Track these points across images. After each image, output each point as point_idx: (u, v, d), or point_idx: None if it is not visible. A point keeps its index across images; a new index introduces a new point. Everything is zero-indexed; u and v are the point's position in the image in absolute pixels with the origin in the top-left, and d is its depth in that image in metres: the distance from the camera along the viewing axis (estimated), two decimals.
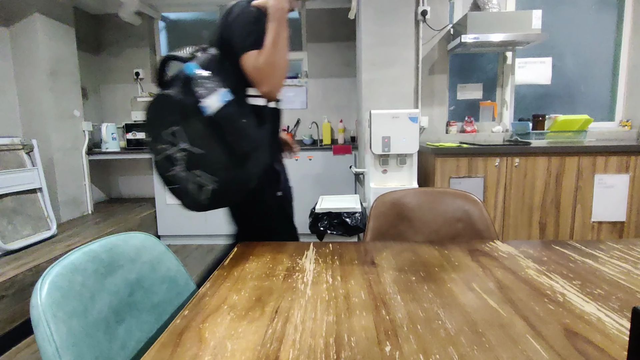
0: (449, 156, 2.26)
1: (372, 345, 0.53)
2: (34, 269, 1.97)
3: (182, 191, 1.02)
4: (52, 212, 2.48)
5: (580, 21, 2.82)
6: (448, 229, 1.24)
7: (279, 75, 1.08)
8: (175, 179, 1.01)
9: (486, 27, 2.32)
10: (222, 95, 0.98)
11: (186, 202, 1.05)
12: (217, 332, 0.57)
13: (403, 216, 1.27)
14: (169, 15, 3.72)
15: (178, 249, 3.20)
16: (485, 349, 0.51)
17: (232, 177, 1.01)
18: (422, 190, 1.31)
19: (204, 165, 0.98)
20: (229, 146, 0.98)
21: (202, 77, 0.98)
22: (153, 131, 1.02)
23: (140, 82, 3.66)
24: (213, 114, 0.95)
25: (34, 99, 2.80)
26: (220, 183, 0.99)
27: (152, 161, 1.06)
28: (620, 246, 0.92)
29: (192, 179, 0.99)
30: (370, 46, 2.55)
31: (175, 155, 0.99)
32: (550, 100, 2.91)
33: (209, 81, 0.98)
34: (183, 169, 0.99)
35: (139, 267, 0.76)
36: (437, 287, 0.71)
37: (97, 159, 3.35)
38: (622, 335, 0.54)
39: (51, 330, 0.54)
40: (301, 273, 0.80)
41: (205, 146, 0.97)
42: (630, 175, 2.22)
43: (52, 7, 2.84)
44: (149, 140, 1.04)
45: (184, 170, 0.99)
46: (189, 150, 0.97)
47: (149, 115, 1.02)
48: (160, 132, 0.99)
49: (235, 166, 1.01)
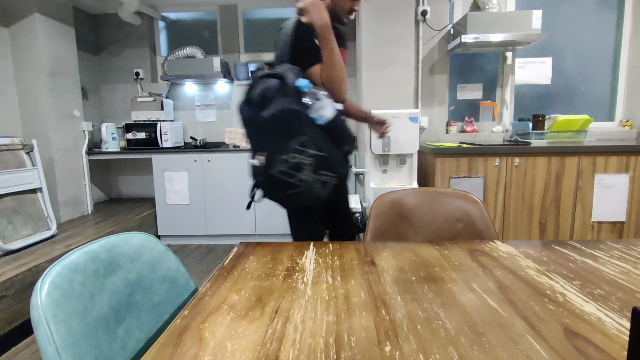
0: (449, 156, 2.26)
1: (372, 345, 0.53)
2: (34, 269, 1.97)
3: (305, 192, 1.16)
4: (52, 212, 2.48)
5: (580, 21, 2.82)
6: (448, 229, 1.24)
7: (341, 84, 1.26)
8: (301, 182, 1.15)
9: (486, 27, 2.32)
10: (332, 105, 1.18)
11: (302, 201, 1.19)
12: (217, 332, 0.57)
13: (403, 216, 1.27)
14: (169, 15, 3.72)
15: (178, 249, 3.20)
16: (485, 349, 0.51)
17: (345, 170, 1.26)
18: (422, 190, 1.31)
19: (327, 165, 1.16)
20: (339, 146, 1.20)
21: (314, 91, 1.15)
22: (278, 144, 1.13)
23: (140, 82, 3.66)
24: (328, 121, 1.14)
25: (34, 99, 2.80)
26: (339, 177, 1.19)
27: (266, 173, 1.16)
28: (620, 246, 0.92)
29: (318, 178, 1.17)
30: (370, 46, 2.55)
31: (305, 161, 1.14)
32: (550, 100, 2.91)
33: (320, 94, 1.16)
34: (311, 171, 1.15)
35: (139, 267, 0.76)
36: (437, 287, 0.71)
37: (97, 159, 3.36)
38: (622, 335, 0.54)
39: (51, 330, 0.54)
40: (301, 273, 0.80)
41: (326, 149, 1.15)
42: (630, 175, 2.22)
43: (52, 7, 2.84)
44: (270, 154, 1.15)
45: (311, 173, 1.15)
46: (316, 155, 1.13)
47: (273, 130, 1.13)
48: (288, 144, 1.12)
49: (345, 161, 1.26)
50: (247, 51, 3.70)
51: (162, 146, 3.33)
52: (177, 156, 3.19)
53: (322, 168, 1.15)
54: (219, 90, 3.67)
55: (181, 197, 3.24)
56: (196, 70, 3.31)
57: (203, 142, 3.51)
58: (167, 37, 3.78)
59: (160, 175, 3.22)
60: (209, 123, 3.72)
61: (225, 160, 3.18)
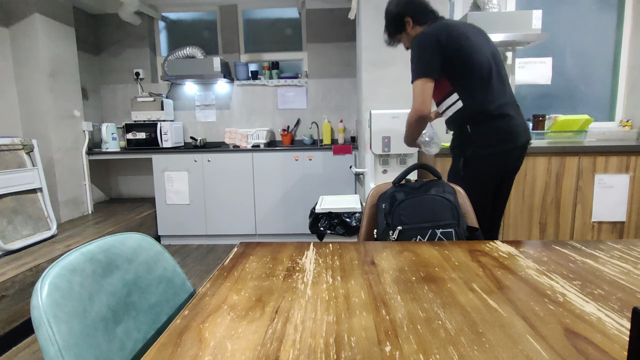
0: (449, 156, 2.26)
1: (372, 345, 0.53)
2: (34, 269, 1.97)
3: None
4: (52, 212, 2.48)
5: (580, 21, 2.82)
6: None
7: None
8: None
9: (486, 27, 2.31)
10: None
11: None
12: (217, 332, 0.57)
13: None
14: (169, 15, 3.72)
15: (178, 249, 3.20)
16: (485, 349, 0.51)
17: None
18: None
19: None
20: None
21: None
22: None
23: (141, 82, 3.66)
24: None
25: (34, 99, 2.80)
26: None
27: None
28: (620, 246, 0.92)
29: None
30: (370, 46, 2.55)
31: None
32: (550, 100, 2.91)
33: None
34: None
35: (135, 267, 0.76)
36: (437, 287, 0.71)
37: (97, 159, 3.36)
38: (622, 335, 0.54)
39: (53, 330, 0.54)
40: (301, 273, 0.80)
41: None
42: (630, 175, 2.22)
43: (52, 7, 2.84)
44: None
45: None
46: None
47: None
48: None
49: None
50: (247, 51, 3.70)
51: (162, 146, 3.34)
52: (177, 156, 3.19)
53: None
54: (219, 91, 3.67)
55: (181, 197, 3.24)
56: (196, 70, 3.31)
57: (203, 142, 3.51)
58: (167, 37, 3.78)
59: (160, 175, 3.22)
60: (209, 123, 3.72)
61: (225, 160, 3.18)
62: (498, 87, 1.47)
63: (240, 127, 3.65)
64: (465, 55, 1.43)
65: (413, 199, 1.16)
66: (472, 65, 1.44)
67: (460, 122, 1.52)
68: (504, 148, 1.46)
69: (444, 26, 1.46)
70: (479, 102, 1.45)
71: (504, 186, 1.60)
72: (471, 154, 1.48)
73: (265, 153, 3.17)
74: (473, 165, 1.49)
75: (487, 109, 1.44)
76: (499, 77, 1.49)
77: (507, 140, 1.46)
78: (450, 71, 1.47)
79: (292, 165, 3.17)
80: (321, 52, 3.56)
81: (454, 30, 1.45)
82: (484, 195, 1.51)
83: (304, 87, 3.60)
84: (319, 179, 3.18)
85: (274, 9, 3.64)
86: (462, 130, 1.52)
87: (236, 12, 3.59)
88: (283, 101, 3.63)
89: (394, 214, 1.15)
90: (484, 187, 1.50)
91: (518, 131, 1.48)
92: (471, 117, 1.48)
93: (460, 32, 1.46)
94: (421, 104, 1.45)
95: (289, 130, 3.58)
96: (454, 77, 1.48)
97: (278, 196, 3.21)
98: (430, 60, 1.43)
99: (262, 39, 3.69)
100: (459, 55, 1.43)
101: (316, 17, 3.50)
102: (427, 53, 1.43)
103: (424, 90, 1.44)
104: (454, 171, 1.57)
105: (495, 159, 1.48)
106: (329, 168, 3.15)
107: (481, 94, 1.45)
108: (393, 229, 1.13)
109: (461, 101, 1.48)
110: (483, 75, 1.45)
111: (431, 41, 1.43)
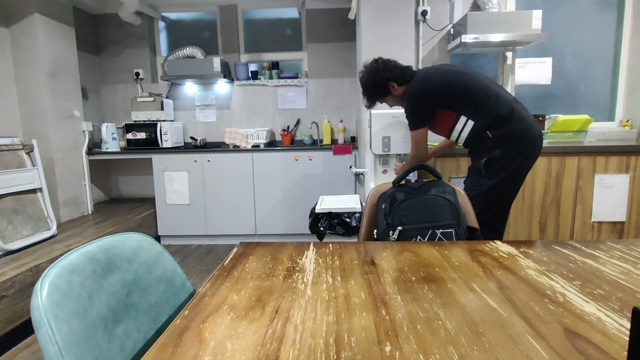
0: (449, 156, 2.26)
1: (372, 345, 0.53)
2: (34, 269, 1.97)
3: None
4: (52, 212, 2.48)
5: (580, 21, 2.82)
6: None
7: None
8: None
9: (486, 27, 2.32)
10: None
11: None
12: (217, 332, 0.57)
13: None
14: (169, 15, 3.72)
15: (178, 249, 3.20)
16: (485, 349, 0.51)
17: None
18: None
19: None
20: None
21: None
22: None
23: (140, 82, 3.66)
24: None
25: (34, 99, 2.80)
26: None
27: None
28: (620, 246, 0.92)
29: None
30: (370, 46, 2.55)
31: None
32: (550, 100, 2.91)
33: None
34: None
35: (135, 267, 0.76)
36: (437, 287, 0.71)
37: (97, 159, 3.36)
38: (622, 335, 0.54)
39: (53, 330, 0.54)
40: (301, 273, 0.80)
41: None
42: (630, 175, 2.22)
43: (52, 7, 2.84)
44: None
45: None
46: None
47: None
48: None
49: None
50: (247, 51, 3.70)
51: (162, 146, 3.33)
52: (177, 156, 3.19)
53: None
54: (219, 91, 3.67)
55: (181, 197, 3.24)
56: (196, 71, 3.31)
57: (203, 142, 3.51)
58: (167, 37, 3.78)
59: (160, 176, 3.22)
60: (209, 123, 3.72)
61: (225, 160, 3.18)
62: (498, 92, 1.58)
63: (240, 127, 3.65)
64: (459, 84, 1.60)
65: (413, 199, 1.17)
66: (468, 87, 1.59)
67: (479, 135, 1.60)
68: (531, 137, 1.57)
69: (427, 76, 1.68)
70: (489, 112, 1.56)
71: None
72: (500, 154, 1.57)
73: (265, 153, 3.17)
74: (507, 162, 1.57)
75: (500, 113, 1.54)
76: (494, 84, 1.62)
77: (531, 131, 1.57)
78: (449, 104, 1.63)
79: (292, 165, 3.17)
80: (321, 52, 3.56)
81: (438, 74, 1.67)
82: (516, 190, 1.65)
83: (304, 87, 3.60)
84: (319, 179, 3.18)
85: (274, 9, 3.64)
86: (483, 140, 1.60)
87: (236, 12, 3.59)
88: (283, 101, 3.63)
89: (394, 214, 1.16)
90: (519, 181, 1.63)
91: (533, 123, 1.59)
92: (488, 126, 1.57)
93: (445, 70, 1.67)
94: (417, 150, 1.74)
95: (289, 130, 3.57)
96: (455, 106, 1.63)
97: (278, 196, 3.21)
98: (423, 113, 1.68)
99: (262, 39, 3.69)
100: (452, 87, 1.60)
101: (316, 17, 3.50)
102: (420, 107, 1.67)
103: (419, 138, 1.72)
104: (481, 177, 1.65)
105: (529, 147, 1.58)
106: (329, 168, 3.15)
107: (487, 105, 1.56)
108: (393, 229, 1.14)
109: (471, 120, 1.60)
110: (481, 90, 1.58)
111: (424, 96, 1.65)
